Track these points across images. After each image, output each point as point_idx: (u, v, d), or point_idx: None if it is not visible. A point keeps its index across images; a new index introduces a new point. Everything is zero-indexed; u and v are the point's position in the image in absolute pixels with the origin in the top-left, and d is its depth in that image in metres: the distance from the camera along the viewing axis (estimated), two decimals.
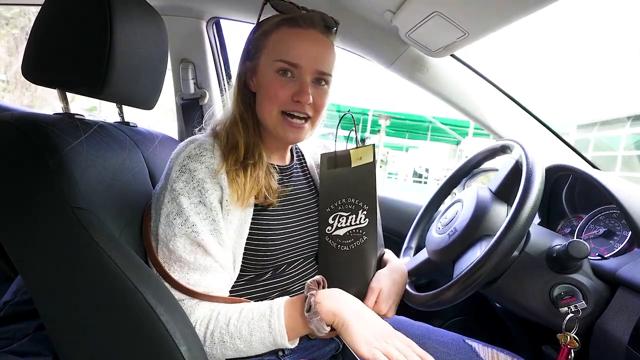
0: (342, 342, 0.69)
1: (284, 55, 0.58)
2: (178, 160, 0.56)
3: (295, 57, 0.58)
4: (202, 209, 0.55)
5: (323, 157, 0.67)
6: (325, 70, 0.60)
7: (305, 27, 0.59)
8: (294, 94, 0.58)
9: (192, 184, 0.54)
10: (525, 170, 0.59)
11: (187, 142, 0.59)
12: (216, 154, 0.57)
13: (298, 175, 0.71)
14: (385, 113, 7.68)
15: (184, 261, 0.54)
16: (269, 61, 0.59)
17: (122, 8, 0.53)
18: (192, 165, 0.55)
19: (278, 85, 0.58)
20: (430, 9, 0.71)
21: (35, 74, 0.54)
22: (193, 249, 0.54)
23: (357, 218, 0.66)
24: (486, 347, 0.68)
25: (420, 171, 10.87)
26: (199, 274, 0.55)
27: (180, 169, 0.55)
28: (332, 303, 0.54)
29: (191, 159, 0.56)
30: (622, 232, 0.69)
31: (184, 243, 0.54)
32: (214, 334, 0.53)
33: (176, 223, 0.54)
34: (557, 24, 15.21)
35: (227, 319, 0.54)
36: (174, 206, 0.54)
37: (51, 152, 0.47)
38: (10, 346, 0.53)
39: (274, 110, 0.59)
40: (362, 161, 0.65)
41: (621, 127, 6.84)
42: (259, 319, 0.54)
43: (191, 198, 0.54)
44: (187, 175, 0.55)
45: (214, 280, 0.56)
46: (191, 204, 0.54)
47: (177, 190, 0.54)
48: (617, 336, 0.53)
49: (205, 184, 0.55)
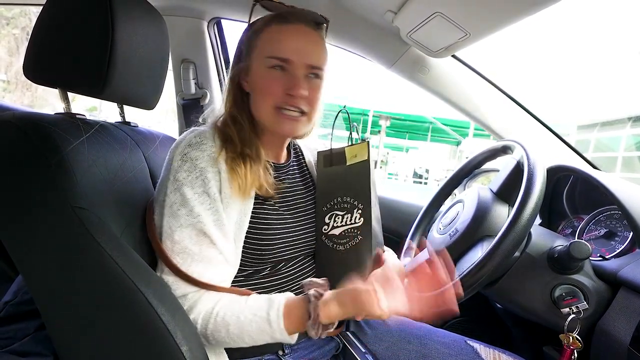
0: (342, 342, 0.69)
1: (275, 52, 0.58)
2: (178, 150, 0.56)
3: (285, 52, 0.58)
4: (205, 199, 0.55)
5: (319, 154, 0.68)
6: (316, 64, 0.60)
7: (294, 22, 0.60)
8: (287, 89, 0.58)
9: (194, 173, 0.55)
10: (527, 171, 0.59)
11: (187, 132, 0.60)
12: (217, 143, 0.57)
13: (294, 174, 0.70)
14: (385, 114, 7.69)
15: (189, 252, 0.54)
16: (260, 59, 0.59)
17: (123, 8, 0.53)
18: (194, 153, 0.55)
19: (271, 80, 0.58)
20: (431, 10, 0.71)
21: (37, 73, 0.54)
22: (199, 239, 0.54)
23: (352, 217, 0.65)
24: (488, 348, 0.68)
25: (420, 172, 10.87)
26: (202, 265, 0.55)
27: (181, 157, 0.55)
28: (334, 313, 0.53)
29: (192, 147, 0.56)
30: (624, 232, 0.69)
31: (190, 233, 0.54)
32: (215, 335, 0.53)
33: (181, 213, 0.54)
34: (557, 24, 15.26)
35: (233, 313, 0.54)
36: (177, 196, 0.54)
37: (52, 151, 0.47)
38: (10, 346, 0.52)
39: (268, 106, 0.59)
40: (357, 159, 0.66)
41: (622, 128, 6.84)
42: (260, 320, 0.54)
43: (195, 188, 0.55)
44: (189, 165, 0.55)
45: (217, 272, 0.56)
46: (195, 194, 0.54)
47: (180, 180, 0.54)
48: (619, 337, 0.53)
49: (207, 174, 0.55)
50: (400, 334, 0.71)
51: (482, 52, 1.21)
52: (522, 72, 12.35)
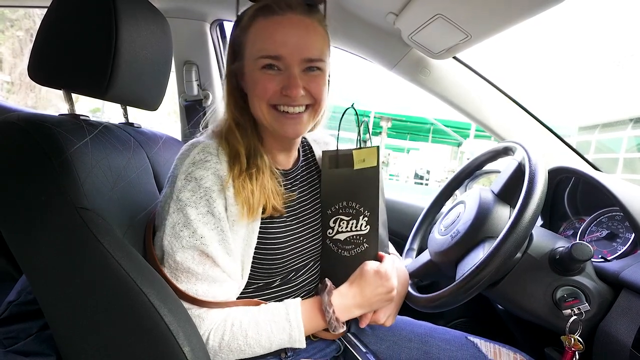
0: (343, 344, 0.69)
1: (264, 50, 0.53)
2: (182, 168, 0.53)
3: (275, 49, 0.52)
4: (210, 219, 0.53)
5: (325, 154, 0.66)
6: (312, 56, 0.54)
7: (282, 12, 0.53)
8: (282, 88, 0.54)
9: (199, 193, 0.52)
10: (528, 172, 0.59)
11: (189, 146, 0.56)
12: (222, 159, 0.54)
13: (303, 177, 0.68)
14: (386, 115, 7.69)
15: (192, 272, 0.53)
16: (252, 59, 0.55)
17: (127, 10, 0.54)
18: (198, 173, 0.52)
19: (265, 80, 0.54)
20: (432, 12, 0.72)
21: (41, 75, 0.55)
22: (202, 260, 0.53)
23: (357, 224, 0.64)
24: (488, 343, 0.68)
25: (421, 173, 10.85)
26: (207, 284, 0.54)
27: (185, 177, 0.53)
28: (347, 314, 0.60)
29: (196, 165, 0.53)
30: (625, 234, 0.69)
31: (193, 254, 0.52)
32: (231, 345, 0.54)
33: (183, 235, 0.52)
34: (558, 25, 15.28)
35: (244, 330, 0.54)
36: (180, 217, 0.52)
37: (56, 152, 0.47)
38: (14, 345, 0.53)
39: (264, 107, 0.55)
40: (366, 164, 0.63)
41: (622, 129, 6.82)
42: (278, 329, 0.55)
43: (199, 208, 0.52)
44: (194, 184, 0.52)
45: (222, 290, 0.55)
46: (199, 214, 0.52)
47: (183, 200, 0.52)
48: (621, 339, 0.53)
49: (212, 193, 0.52)
50: (402, 333, 0.71)
51: (484, 53, 1.21)
52: (523, 73, 12.34)
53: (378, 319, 0.64)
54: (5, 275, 0.71)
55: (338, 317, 0.57)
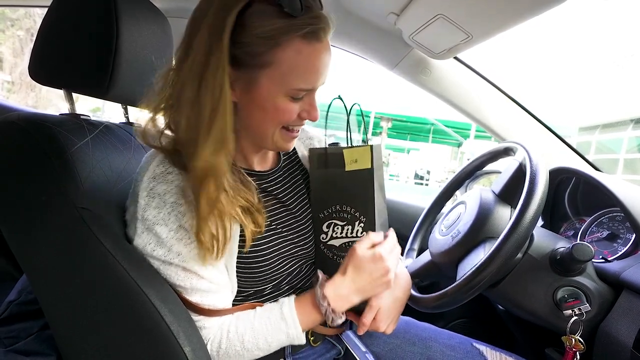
0: (344, 347, 0.69)
1: (303, 83, 0.49)
2: (143, 185, 0.49)
3: (314, 82, 0.50)
4: (183, 234, 0.49)
5: (312, 153, 0.62)
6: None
7: (323, 38, 0.49)
8: (302, 112, 0.53)
9: (165, 210, 0.48)
10: (529, 173, 0.59)
11: (148, 157, 0.52)
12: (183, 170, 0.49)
13: (286, 179, 0.63)
14: (386, 115, 7.69)
15: (181, 287, 0.51)
16: (280, 84, 0.49)
17: (128, 10, 0.54)
18: (160, 188, 0.49)
19: (290, 108, 0.51)
20: (433, 12, 0.72)
21: (42, 74, 0.55)
22: (187, 275, 0.51)
23: (353, 230, 0.61)
24: (494, 351, 0.67)
25: (421, 173, 10.85)
26: (199, 295, 0.52)
27: (147, 194, 0.49)
28: (344, 304, 0.56)
29: (157, 180, 0.49)
30: (626, 234, 0.69)
31: (175, 271, 0.50)
32: (229, 352, 0.53)
33: (158, 254, 0.49)
34: (558, 25, 15.27)
35: (240, 335, 0.53)
36: (150, 237, 0.49)
37: (57, 152, 0.47)
38: (14, 345, 0.53)
39: (276, 129, 0.53)
40: (358, 165, 0.59)
41: (623, 130, 6.82)
42: (274, 330, 0.54)
43: (169, 225, 0.49)
44: (158, 201, 0.48)
45: (215, 299, 0.54)
46: (170, 231, 0.49)
47: (149, 219, 0.48)
48: (622, 339, 0.53)
49: (180, 207, 0.49)
50: (404, 335, 0.70)
51: (484, 54, 1.21)
52: (523, 74, 12.35)
53: (378, 327, 0.61)
54: (6, 275, 0.71)
55: (334, 308, 0.55)
